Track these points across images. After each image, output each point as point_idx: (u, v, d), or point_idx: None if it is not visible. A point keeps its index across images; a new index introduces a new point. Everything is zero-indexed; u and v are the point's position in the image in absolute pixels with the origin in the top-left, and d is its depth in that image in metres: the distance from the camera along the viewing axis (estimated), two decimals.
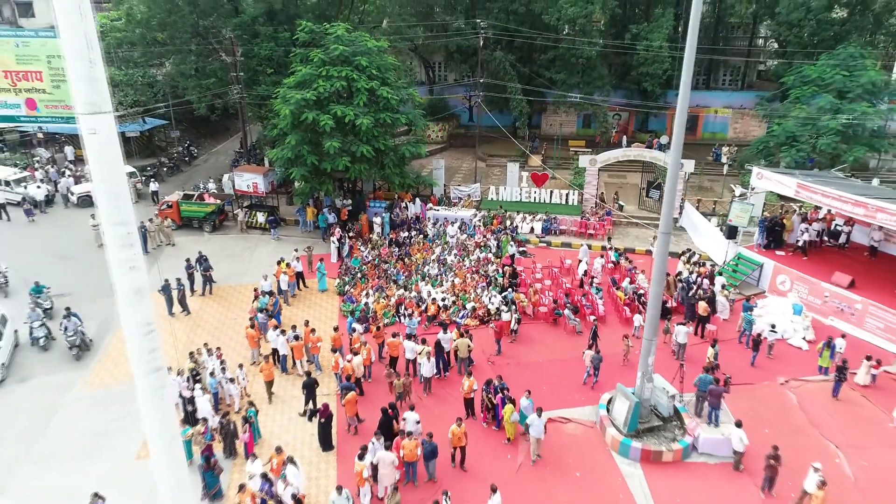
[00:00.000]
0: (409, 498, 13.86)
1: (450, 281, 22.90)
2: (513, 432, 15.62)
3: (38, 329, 19.68)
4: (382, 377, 17.96)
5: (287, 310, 21.93)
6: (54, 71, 33.64)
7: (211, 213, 28.79)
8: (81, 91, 6.38)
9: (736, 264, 23.77)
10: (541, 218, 28.81)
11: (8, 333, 19.39)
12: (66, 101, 34.11)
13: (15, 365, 19.12)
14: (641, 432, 15.50)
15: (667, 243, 14.67)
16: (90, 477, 14.80)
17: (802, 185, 21.33)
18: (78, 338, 19.20)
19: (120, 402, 17.51)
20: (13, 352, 19.50)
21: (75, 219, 30.01)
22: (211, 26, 34.91)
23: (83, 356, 19.33)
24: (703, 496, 14.16)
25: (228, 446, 15.28)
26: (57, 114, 34.86)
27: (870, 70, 29.36)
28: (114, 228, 6.84)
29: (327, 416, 15.41)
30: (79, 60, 6.25)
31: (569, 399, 17.44)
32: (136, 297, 7.21)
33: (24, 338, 20.03)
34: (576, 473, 14.87)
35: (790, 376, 18.30)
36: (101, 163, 6.62)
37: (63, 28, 6.19)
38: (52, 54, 33.23)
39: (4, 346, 18.77)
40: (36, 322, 19.79)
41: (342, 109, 25.31)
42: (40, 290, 21.62)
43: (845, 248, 24.07)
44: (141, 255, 7.17)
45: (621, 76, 40.30)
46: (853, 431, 16.13)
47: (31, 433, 16.33)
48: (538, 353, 19.70)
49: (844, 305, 20.46)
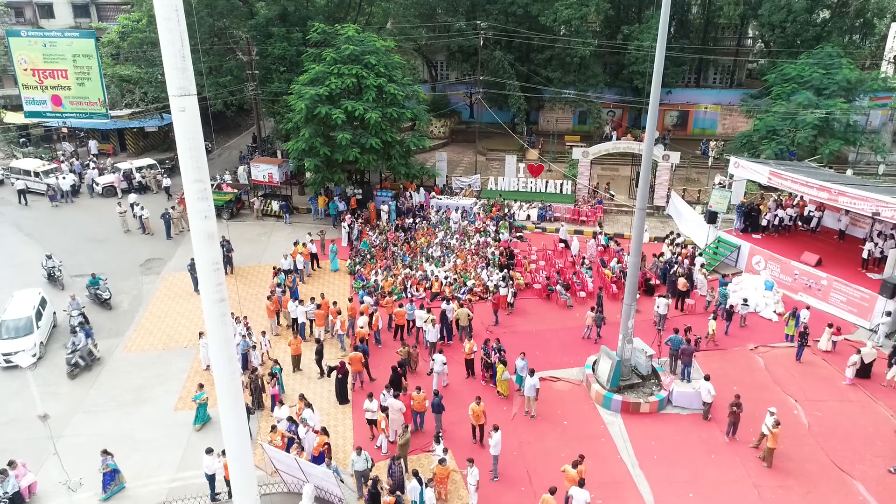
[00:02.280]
0: (417, 443, 15.87)
1: (452, 261, 24.91)
2: (505, 389, 17.62)
3: (76, 317, 20.41)
4: (392, 343, 20.01)
5: (303, 287, 23.93)
6: (79, 69, 35.63)
7: (229, 201, 30.82)
8: (175, 78, 8.36)
9: (716, 247, 25.77)
10: (536, 206, 30.82)
11: (47, 315, 20.87)
12: (90, 97, 36.17)
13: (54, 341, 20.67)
14: (622, 388, 17.50)
15: (642, 218, 16.64)
16: (135, 425, 16.91)
17: (774, 173, 23.34)
18: (77, 356, 18.73)
19: (158, 363, 19.62)
20: (51, 332, 20.92)
21: (101, 207, 32.10)
22: (227, 28, 36.95)
23: (79, 375, 18.79)
24: (675, 440, 16.18)
25: (256, 399, 17.33)
26: (80, 110, 36.82)
27: (845, 68, 31.30)
28: (193, 185, 8.83)
29: (343, 372, 17.46)
30: (174, 55, 8.23)
31: (559, 362, 19.47)
32: (209, 241, 9.16)
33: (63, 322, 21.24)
34: (563, 422, 16.89)
35: (758, 343, 20.31)
36: (186, 133, 8.61)
37: (163, 30, 8.17)
38: (77, 53, 35.24)
39: (43, 327, 20.22)
40: (75, 311, 20.61)
41: (352, 104, 27.34)
42: (97, 282, 22.59)
43: (817, 232, 26.09)
44: (212, 207, 9.15)
45: (614, 74, 42.27)
46: (811, 388, 18.16)
47: (80, 389, 18.39)
48: (532, 324, 21.71)
49: (812, 282, 22.45)
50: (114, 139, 41.32)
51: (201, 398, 16.45)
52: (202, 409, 16.60)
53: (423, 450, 15.71)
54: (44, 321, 20.49)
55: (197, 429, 16.56)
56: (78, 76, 35.99)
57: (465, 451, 15.30)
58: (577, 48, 36.94)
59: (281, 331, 21.23)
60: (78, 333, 19.31)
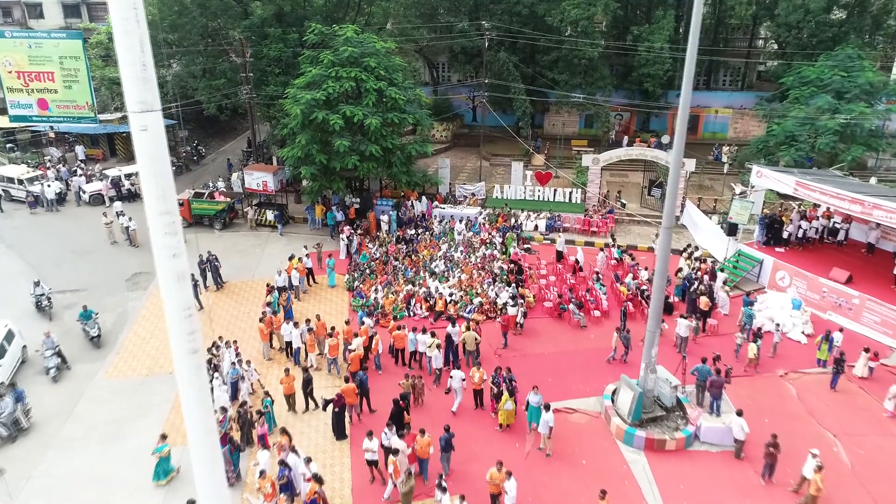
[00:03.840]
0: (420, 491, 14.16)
1: (457, 277, 23.45)
2: (505, 420, 16.15)
3: (50, 359, 18.36)
4: (393, 368, 18.54)
5: (298, 305, 22.47)
6: (66, 72, 34.16)
7: (221, 210, 29.36)
8: (134, 91, 6.88)
9: (736, 261, 24.32)
10: (545, 216, 29.36)
11: (13, 350, 18.51)
12: (77, 101, 34.68)
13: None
14: (645, 422, 16.04)
15: (669, 238, 15.19)
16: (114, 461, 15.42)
17: (801, 184, 21.88)
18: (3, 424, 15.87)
19: (140, 391, 18.13)
20: (17, 368, 18.60)
21: (88, 216, 30.65)
22: (220, 28, 35.49)
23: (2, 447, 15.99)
24: (706, 483, 14.70)
25: (245, 435, 15.83)
26: (68, 114, 35.31)
27: (867, 71, 29.89)
28: (159, 218, 7.34)
29: (341, 405, 15.97)
30: (133, 63, 6.76)
31: (574, 390, 17.99)
32: (178, 283, 7.70)
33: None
34: (582, 461, 15.42)
35: (789, 368, 18.85)
36: (150, 157, 7.13)
37: (119, 34, 6.70)
38: (64, 55, 33.77)
39: (6, 364, 17.90)
40: (49, 351, 18.39)
41: (351, 109, 25.88)
42: (89, 316, 20.16)
43: (843, 245, 24.62)
44: (182, 243, 7.70)
45: (623, 77, 40.84)
46: (849, 420, 16.68)
47: (57, 419, 16.90)
48: (543, 346, 20.25)
49: (842, 300, 21.00)
50: (103, 144, 39.83)
51: (162, 451, 14.39)
52: (164, 462, 14.50)
53: (428, 494, 14.22)
54: (7, 358, 18.05)
55: (159, 485, 14.50)
56: (65, 79, 34.48)
57: (473, 498, 13.76)
58: (584, 49, 35.49)
59: (274, 354, 19.75)
60: (4, 398, 16.07)
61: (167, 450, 14.47)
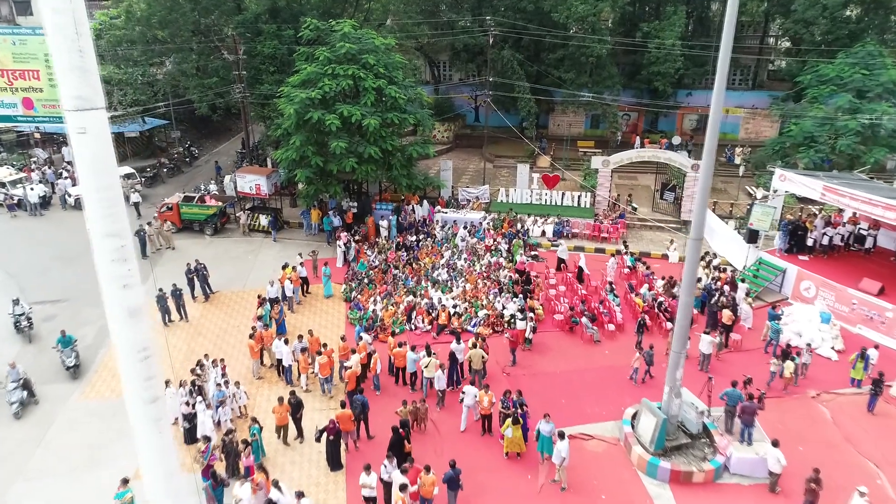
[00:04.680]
0: None
1: (460, 287, 22.05)
2: (509, 447, 14.78)
3: (13, 393, 16.58)
4: (393, 388, 17.14)
5: (292, 317, 21.09)
6: (52, 70, 32.71)
7: (212, 215, 27.94)
8: (70, 84, 5.57)
9: (757, 269, 22.92)
10: (552, 221, 27.96)
11: None
12: None
13: None
14: (669, 450, 14.64)
15: (698, 250, 13.81)
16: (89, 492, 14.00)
17: (829, 188, 20.47)
18: None
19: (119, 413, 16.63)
20: None
21: (73, 221, 29.22)
22: (213, 24, 34.08)
23: None
24: None
25: (231, 465, 14.42)
26: (55, 113, 33.87)
27: (890, 69, 28.50)
28: (105, 241, 5.96)
29: (335, 433, 14.56)
30: (67, 50, 5.47)
31: (589, 413, 16.58)
32: (131, 319, 6.36)
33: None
34: (601, 496, 14.01)
35: (820, 389, 17.45)
36: (92, 165, 5.74)
37: (48, 13, 5.35)
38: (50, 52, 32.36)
39: None
40: (12, 385, 16.66)
41: (349, 109, 24.47)
42: (69, 343, 18.34)
43: (871, 253, 23.22)
44: (136, 271, 6.31)
45: (631, 75, 39.41)
46: (891, 448, 15.28)
47: (25, 447, 15.49)
48: (554, 364, 18.84)
49: (874, 313, 19.60)
50: None
51: (124, 498, 12.54)
52: None
53: None
54: None
55: None
56: (51, 77, 33.07)
57: None
58: (592, 47, 34.07)
59: (264, 372, 18.34)
60: None
61: (129, 496, 12.65)
